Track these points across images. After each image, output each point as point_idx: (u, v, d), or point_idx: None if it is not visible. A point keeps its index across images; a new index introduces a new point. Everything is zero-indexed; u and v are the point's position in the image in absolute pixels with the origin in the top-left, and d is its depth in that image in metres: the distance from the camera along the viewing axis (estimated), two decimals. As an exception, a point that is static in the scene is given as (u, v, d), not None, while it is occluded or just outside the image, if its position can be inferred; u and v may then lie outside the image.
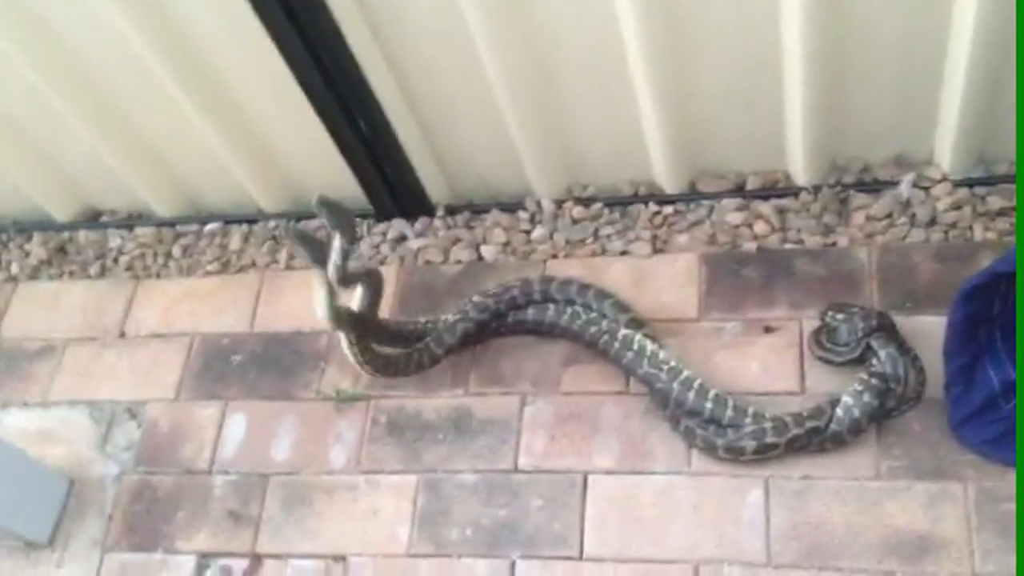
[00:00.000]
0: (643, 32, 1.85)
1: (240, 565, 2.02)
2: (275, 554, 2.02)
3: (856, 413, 1.81)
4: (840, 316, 1.93)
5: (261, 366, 2.26)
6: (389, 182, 2.28)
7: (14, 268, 2.60)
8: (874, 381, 1.83)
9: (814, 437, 1.83)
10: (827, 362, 1.93)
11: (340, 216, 1.82)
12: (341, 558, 1.99)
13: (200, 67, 2.12)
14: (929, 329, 1.91)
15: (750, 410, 1.88)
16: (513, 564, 1.91)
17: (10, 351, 2.45)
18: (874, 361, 1.87)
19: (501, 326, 2.13)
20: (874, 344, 1.88)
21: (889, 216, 2.06)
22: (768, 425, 1.84)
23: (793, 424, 1.83)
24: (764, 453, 1.85)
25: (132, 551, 2.09)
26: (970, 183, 2.04)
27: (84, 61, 2.17)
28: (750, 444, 1.84)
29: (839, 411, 1.82)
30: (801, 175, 2.12)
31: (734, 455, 1.86)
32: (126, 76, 2.18)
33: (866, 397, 1.82)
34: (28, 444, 2.19)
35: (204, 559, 2.05)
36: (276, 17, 1.90)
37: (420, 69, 2.08)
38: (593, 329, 2.03)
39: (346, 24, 1.94)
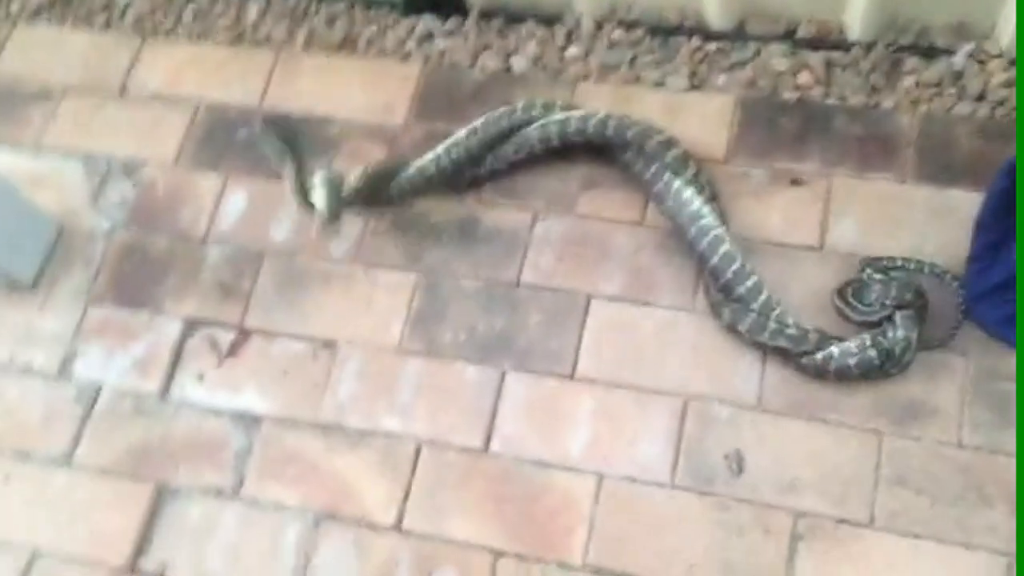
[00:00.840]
0: None
1: (227, 337, 1.99)
2: (263, 331, 1.99)
3: (849, 362, 1.76)
4: (877, 276, 1.82)
5: (267, 144, 2.18)
6: (425, -27, 2.17)
7: (13, 6, 2.46)
8: (870, 352, 1.76)
9: (803, 359, 1.80)
10: (843, 316, 1.82)
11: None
12: (331, 343, 1.96)
13: None
14: (958, 203, 1.88)
15: (774, 314, 1.82)
16: (503, 374, 1.89)
17: (5, 90, 2.34)
18: (888, 334, 1.77)
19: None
20: (897, 319, 1.77)
21: (939, 84, 1.99)
22: (786, 330, 1.80)
23: (797, 342, 1.79)
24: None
25: (117, 306, 2.05)
26: (1027, 63, 1.98)
27: None
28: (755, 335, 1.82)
29: (834, 349, 1.77)
30: (856, 29, 2.03)
31: (746, 337, 1.84)
32: None
33: (852, 361, 1.76)
34: (17, 186, 2.11)
35: (190, 325, 2.01)
36: None
37: None
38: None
39: None
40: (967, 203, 1.84)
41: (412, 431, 1.86)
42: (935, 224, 1.89)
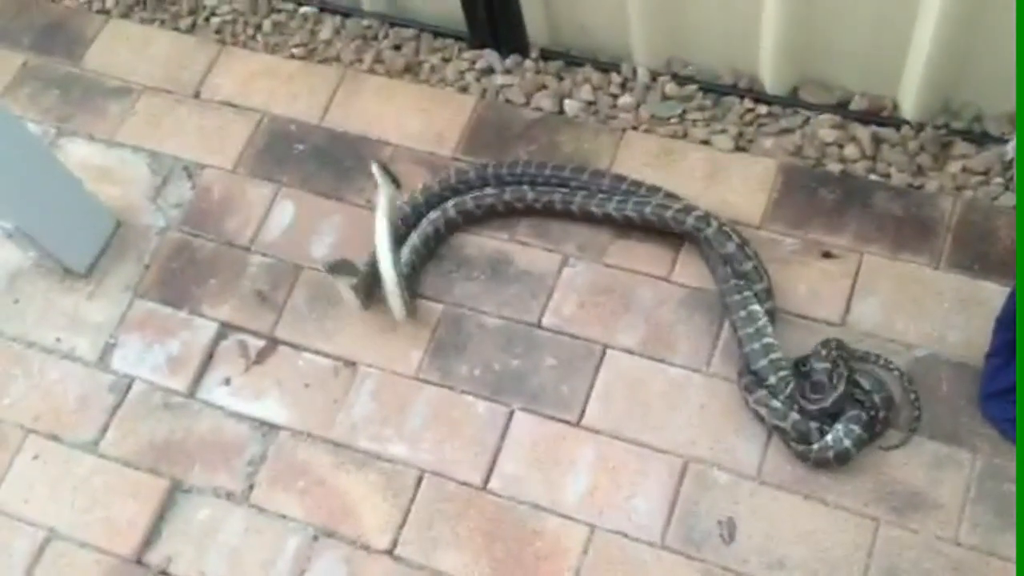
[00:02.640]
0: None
1: (256, 344, 2.08)
2: (291, 343, 2.07)
3: (847, 444, 1.76)
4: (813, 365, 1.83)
5: (321, 161, 2.26)
6: (491, 8, 2.21)
7: (108, 2, 2.59)
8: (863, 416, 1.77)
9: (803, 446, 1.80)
10: (818, 411, 1.79)
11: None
12: (352, 363, 2.03)
13: None
14: (987, 296, 1.86)
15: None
16: (511, 413, 1.93)
17: (89, 81, 2.47)
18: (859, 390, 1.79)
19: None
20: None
21: (986, 172, 1.97)
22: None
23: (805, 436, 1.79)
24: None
25: (160, 303, 2.15)
26: (1081, 161, 1.93)
27: None
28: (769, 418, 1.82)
29: (828, 439, 1.77)
30: (909, 108, 2.02)
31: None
32: None
33: (857, 430, 1.76)
34: (86, 177, 2.23)
35: (224, 329, 2.10)
36: None
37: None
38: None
39: None
40: (997, 297, 1.81)
41: (417, 459, 1.91)
42: (961, 314, 1.87)
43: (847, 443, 1.75)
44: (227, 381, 2.04)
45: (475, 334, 2.02)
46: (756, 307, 1.88)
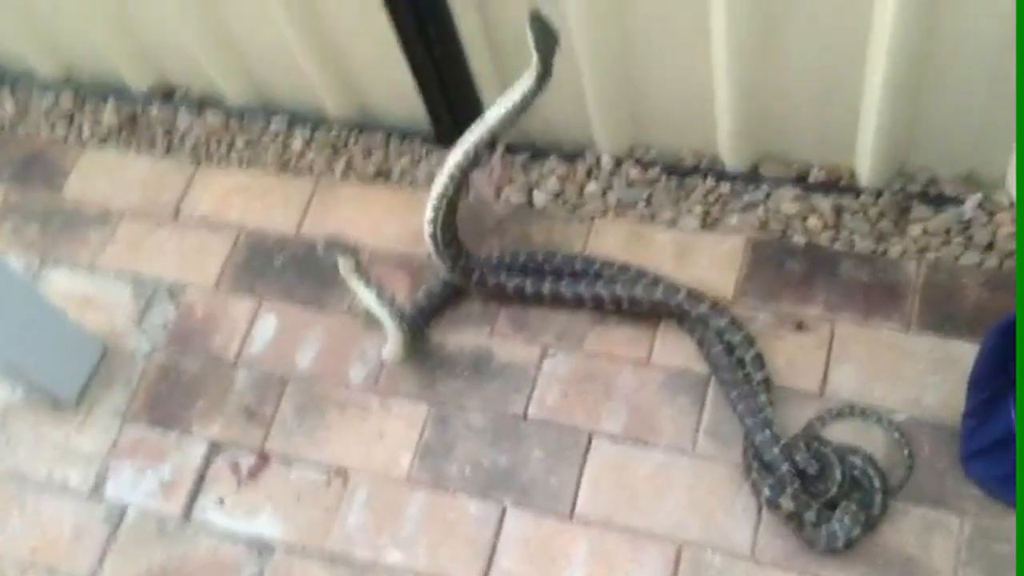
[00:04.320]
0: (732, 3, 1.80)
1: (247, 460, 2.09)
2: (281, 456, 2.09)
3: (855, 533, 1.77)
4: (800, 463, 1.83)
5: (300, 271, 2.30)
6: (454, 108, 2.27)
7: (85, 131, 2.65)
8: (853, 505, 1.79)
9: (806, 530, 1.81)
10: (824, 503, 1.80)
11: (547, 37, 1.78)
12: (343, 471, 2.04)
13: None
14: (960, 355, 1.88)
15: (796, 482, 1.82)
16: (504, 509, 1.94)
17: (69, 211, 2.52)
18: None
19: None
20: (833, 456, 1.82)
21: (947, 233, 2.00)
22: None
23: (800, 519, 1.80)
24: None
25: (150, 427, 2.17)
26: (1038, 215, 1.97)
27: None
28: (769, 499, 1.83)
29: (836, 528, 1.78)
30: (866, 176, 2.06)
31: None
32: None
33: (862, 517, 1.78)
34: (70, 306, 2.27)
35: (215, 448, 2.12)
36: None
37: (500, 4, 2.05)
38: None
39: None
40: (968, 355, 1.82)
41: (414, 565, 1.92)
42: (936, 375, 1.90)
43: (856, 531, 1.76)
44: (220, 501, 2.06)
45: (462, 432, 2.04)
46: (763, 397, 1.90)
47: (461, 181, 1.95)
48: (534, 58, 1.78)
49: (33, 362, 2.10)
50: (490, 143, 1.92)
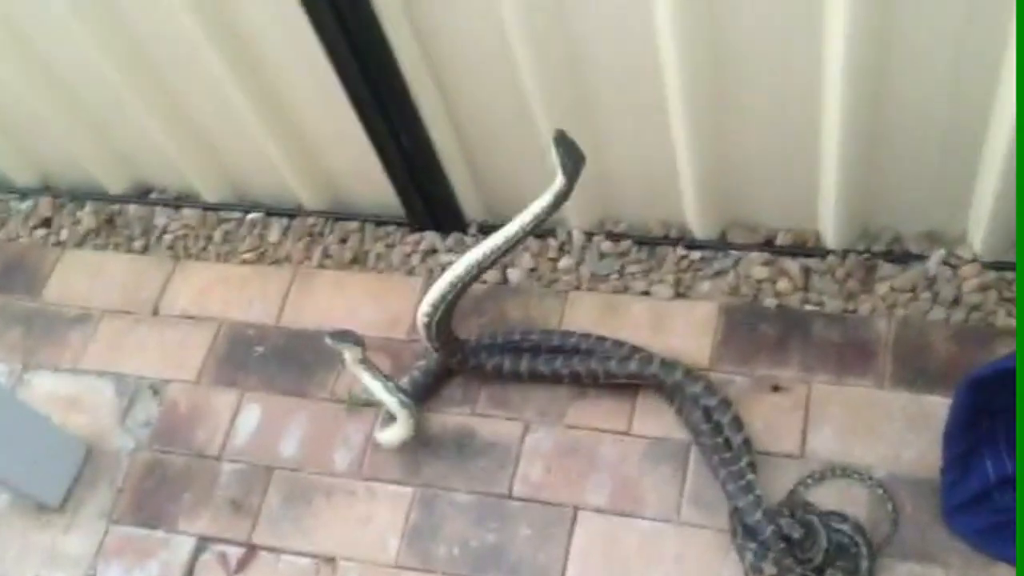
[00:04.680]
0: (684, 80, 1.84)
1: (235, 552, 2.09)
2: (270, 547, 2.08)
3: None
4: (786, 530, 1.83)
5: (281, 360, 2.32)
6: (426, 195, 2.32)
7: (63, 234, 2.69)
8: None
9: None
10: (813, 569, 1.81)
11: (573, 157, 1.81)
12: (331, 560, 2.04)
13: (254, 67, 2.16)
14: (934, 409, 1.90)
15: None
16: (494, 589, 1.95)
17: (50, 314, 2.55)
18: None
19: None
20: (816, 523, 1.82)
21: (913, 290, 2.04)
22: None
23: None
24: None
25: (136, 526, 2.16)
26: (1000, 267, 2.01)
27: (141, 41, 2.20)
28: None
29: None
30: (831, 237, 2.11)
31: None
32: (181, 63, 2.22)
33: None
34: (54, 409, 2.29)
35: (202, 542, 2.12)
36: (328, 28, 1.94)
37: (465, 90, 2.10)
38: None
39: (395, 40, 1.97)
40: (942, 409, 1.85)
41: (405, 650, 1.92)
42: (913, 431, 1.92)
43: None
44: (210, 595, 2.05)
45: (448, 513, 2.04)
46: (744, 461, 1.91)
47: (464, 288, 1.97)
48: (558, 176, 1.83)
49: (17, 469, 2.11)
50: (503, 254, 1.95)
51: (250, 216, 2.58)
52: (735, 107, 1.91)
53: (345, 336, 1.97)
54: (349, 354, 1.98)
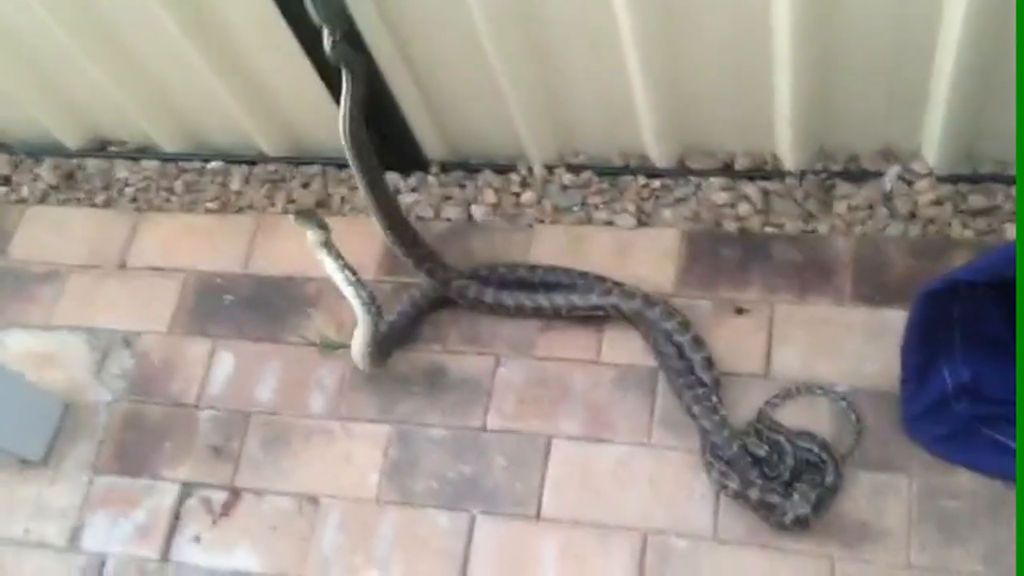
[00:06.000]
0: (633, 7, 1.85)
1: (220, 497, 2.13)
2: (252, 490, 2.12)
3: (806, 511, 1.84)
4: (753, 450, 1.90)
5: (251, 308, 2.34)
6: (384, 135, 2.31)
7: (24, 191, 2.67)
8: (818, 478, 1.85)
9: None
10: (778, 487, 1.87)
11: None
12: (313, 499, 2.08)
13: (203, 15, 2.14)
14: (894, 323, 1.94)
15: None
16: (473, 519, 2.00)
17: (17, 272, 2.54)
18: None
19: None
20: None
21: (870, 207, 2.08)
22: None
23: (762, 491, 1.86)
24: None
25: (120, 475, 2.20)
26: (954, 180, 2.05)
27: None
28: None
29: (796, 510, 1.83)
30: (788, 159, 2.14)
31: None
32: (130, 15, 2.20)
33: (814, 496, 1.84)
34: (28, 365, 2.30)
35: (186, 488, 2.15)
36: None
37: (416, 29, 2.09)
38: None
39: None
40: (901, 323, 1.88)
41: (390, 582, 1.97)
42: (873, 345, 1.97)
43: (806, 510, 1.82)
44: (197, 539, 2.09)
45: (425, 448, 2.09)
46: (708, 384, 1.97)
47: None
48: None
49: (-3, 427, 2.13)
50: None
51: (210, 165, 2.57)
52: (686, 32, 1.92)
53: (311, 216, 1.92)
54: (312, 236, 1.91)
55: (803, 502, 1.81)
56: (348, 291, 1.97)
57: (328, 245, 1.94)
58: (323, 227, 1.92)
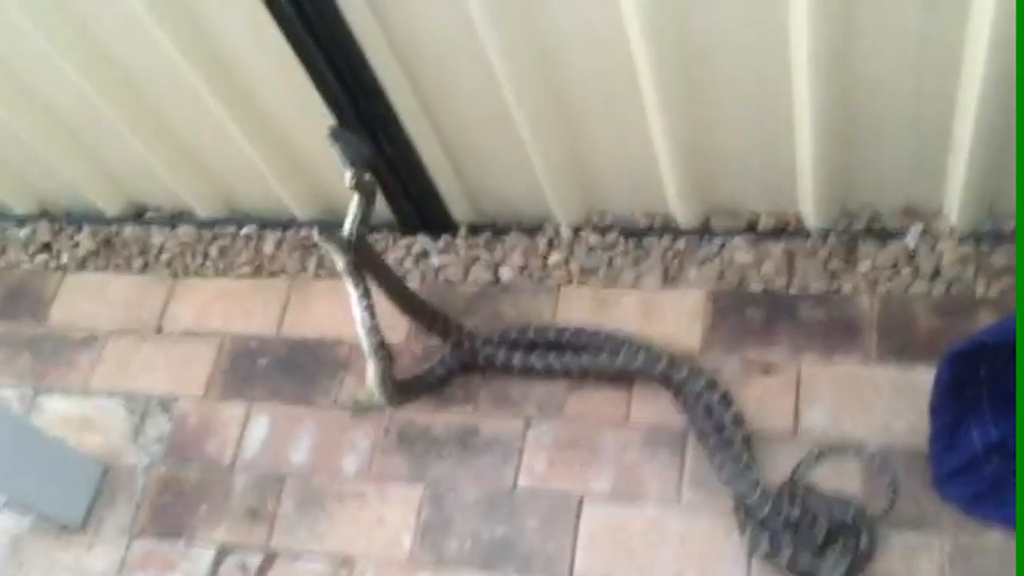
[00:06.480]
0: (657, 69, 1.89)
1: (255, 560, 2.16)
2: (287, 552, 2.15)
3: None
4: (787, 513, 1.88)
5: (285, 370, 2.38)
6: (413, 199, 2.37)
7: (64, 258, 2.74)
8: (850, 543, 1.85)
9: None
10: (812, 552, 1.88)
11: (354, 148, 1.84)
12: (348, 560, 2.11)
13: (236, 85, 2.21)
14: (922, 381, 1.94)
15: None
16: (506, 580, 2.02)
17: (56, 338, 2.60)
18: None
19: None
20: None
21: (894, 266, 2.10)
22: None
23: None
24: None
25: (157, 539, 2.23)
26: (977, 237, 2.07)
27: (125, 66, 2.26)
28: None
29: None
30: (812, 219, 2.17)
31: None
32: (165, 84, 2.27)
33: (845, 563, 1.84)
34: (67, 430, 2.35)
35: (222, 552, 2.18)
36: (308, 50, 2.00)
37: (443, 95, 2.15)
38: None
39: (370, 50, 2.02)
40: (930, 380, 1.89)
41: (425, 644, 1.99)
42: (901, 403, 1.98)
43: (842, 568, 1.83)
44: (233, 603, 2.12)
45: (458, 509, 2.11)
46: (738, 444, 1.98)
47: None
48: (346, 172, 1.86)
49: (37, 492, 2.17)
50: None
51: (244, 230, 2.63)
52: (707, 96, 1.96)
53: (333, 235, 1.86)
54: (337, 259, 1.88)
55: (835, 569, 1.82)
56: (360, 330, 1.95)
57: (352, 273, 1.91)
58: (346, 249, 1.86)
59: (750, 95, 1.96)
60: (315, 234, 1.94)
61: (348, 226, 1.89)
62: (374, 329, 1.97)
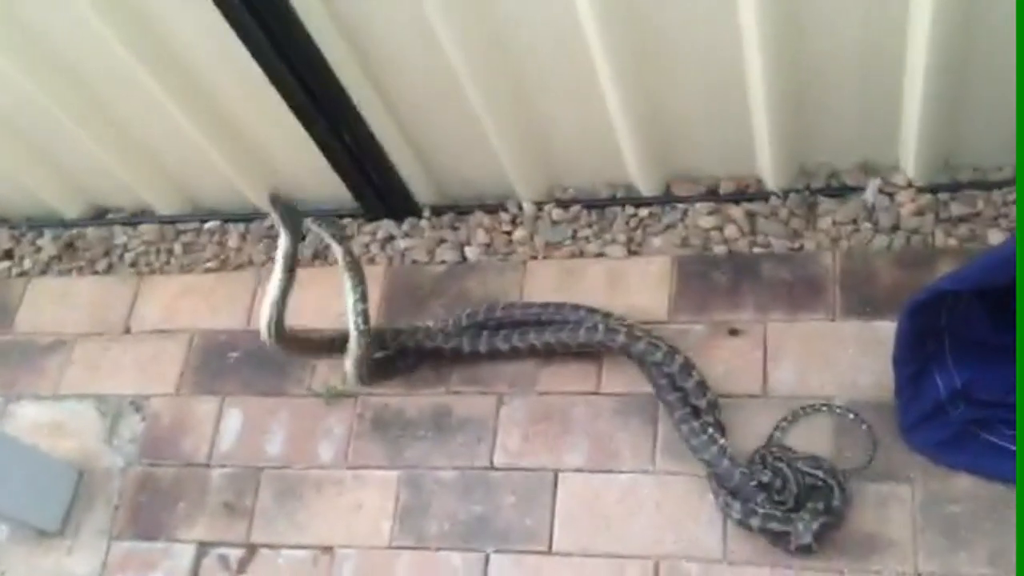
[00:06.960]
0: (608, 42, 1.90)
1: (236, 554, 2.16)
2: (267, 544, 2.15)
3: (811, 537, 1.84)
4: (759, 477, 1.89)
5: (256, 363, 2.37)
6: (376, 185, 2.37)
7: (26, 263, 2.72)
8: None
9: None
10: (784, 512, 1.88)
11: (292, 217, 1.96)
12: (328, 549, 2.11)
13: (191, 83, 2.21)
14: (885, 334, 1.95)
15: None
16: (487, 557, 2.02)
17: (23, 344, 2.58)
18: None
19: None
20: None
21: (854, 221, 2.12)
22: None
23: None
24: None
25: (136, 540, 2.23)
26: (934, 189, 2.09)
27: (77, 70, 2.25)
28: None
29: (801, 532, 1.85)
30: (771, 180, 2.18)
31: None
32: (117, 84, 2.26)
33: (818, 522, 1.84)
34: (40, 436, 2.34)
35: (203, 548, 2.18)
36: (258, 42, 1.98)
37: (399, 81, 2.15)
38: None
39: (322, 39, 2.02)
40: (892, 334, 1.92)
41: (408, 627, 2.00)
42: (866, 357, 2.00)
43: (808, 539, 1.83)
44: (216, 598, 2.12)
45: (435, 490, 2.11)
46: (703, 412, 1.98)
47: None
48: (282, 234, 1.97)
49: (13, 500, 2.16)
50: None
51: (207, 225, 2.62)
52: (660, 66, 1.97)
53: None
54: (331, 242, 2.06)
55: (806, 531, 1.83)
56: (350, 315, 2.05)
57: (348, 263, 2.05)
58: (341, 239, 2.04)
59: (702, 62, 1.96)
60: (311, 224, 2.03)
61: (270, 306, 2.01)
62: (364, 314, 2.04)
